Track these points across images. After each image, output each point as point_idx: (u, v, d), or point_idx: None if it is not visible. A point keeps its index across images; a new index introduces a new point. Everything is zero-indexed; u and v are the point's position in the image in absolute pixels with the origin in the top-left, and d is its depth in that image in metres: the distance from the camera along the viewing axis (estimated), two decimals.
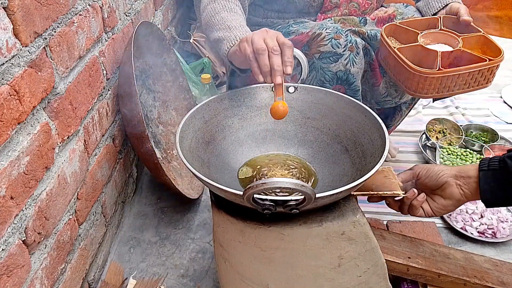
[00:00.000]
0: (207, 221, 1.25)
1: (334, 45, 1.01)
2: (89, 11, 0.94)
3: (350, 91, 1.05)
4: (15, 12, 0.65)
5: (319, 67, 1.03)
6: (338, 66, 1.02)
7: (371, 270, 0.73)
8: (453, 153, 1.46)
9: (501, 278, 0.94)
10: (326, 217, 0.68)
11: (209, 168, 0.82)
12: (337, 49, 1.01)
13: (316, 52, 1.02)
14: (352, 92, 1.05)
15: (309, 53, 1.03)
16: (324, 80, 1.04)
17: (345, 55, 1.01)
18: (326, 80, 1.03)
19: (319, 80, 1.04)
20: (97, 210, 1.03)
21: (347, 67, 1.02)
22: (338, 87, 1.04)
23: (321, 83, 1.04)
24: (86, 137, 0.95)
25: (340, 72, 1.02)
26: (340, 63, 1.01)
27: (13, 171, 0.66)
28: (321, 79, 1.04)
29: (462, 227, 1.19)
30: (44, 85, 0.75)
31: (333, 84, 1.04)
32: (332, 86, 1.04)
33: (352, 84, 1.04)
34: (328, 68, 1.02)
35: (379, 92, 1.14)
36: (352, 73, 1.03)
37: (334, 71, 1.02)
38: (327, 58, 1.02)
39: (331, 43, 1.01)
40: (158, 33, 1.28)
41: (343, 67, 1.01)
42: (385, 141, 0.73)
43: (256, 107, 0.93)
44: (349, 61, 1.02)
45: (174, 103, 1.43)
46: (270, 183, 0.57)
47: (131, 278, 1.05)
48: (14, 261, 0.67)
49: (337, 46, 1.01)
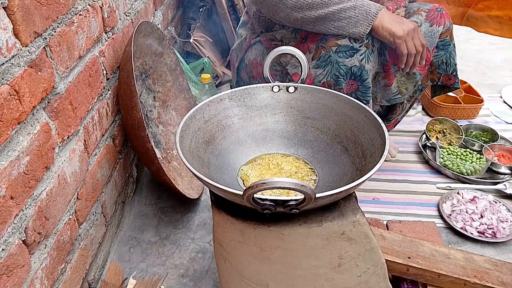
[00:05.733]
0: (207, 221, 1.25)
1: (352, 39, 1.03)
2: (89, 11, 0.94)
3: (362, 87, 1.06)
4: (15, 12, 0.65)
5: (335, 61, 1.04)
6: (353, 61, 1.03)
7: (371, 270, 0.73)
8: (453, 153, 1.46)
9: (501, 278, 0.94)
10: (326, 217, 0.68)
11: (209, 168, 0.82)
12: (354, 43, 1.03)
13: (333, 45, 1.03)
14: (364, 89, 1.06)
15: (326, 45, 1.04)
16: (338, 75, 1.05)
17: (361, 50, 1.03)
18: (341, 75, 1.04)
19: (333, 75, 1.05)
20: (97, 210, 1.03)
21: (362, 63, 1.03)
22: (351, 82, 1.05)
23: (335, 77, 1.05)
24: (86, 137, 0.95)
25: (355, 67, 1.03)
26: (355, 58, 1.03)
27: (13, 171, 0.66)
28: (336, 73, 1.05)
29: (462, 227, 1.19)
30: (44, 85, 0.75)
31: (346, 79, 1.05)
32: (346, 81, 1.05)
33: (365, 81, 1.05)
34: (343, 62, 1.03)
35: (391, 91, 1.16)
36: (366, 70, 1.04)
37: (349, 66, 1.03)
38: (344, 52, 1.03)
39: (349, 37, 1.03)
40: (158, 33, 1.28)
41: (358, 62, 1.03)
42: (385, 141, 0.73)
43: (256, 107, 0.93)
44: (364, 57, 1.03)
45: (174, 103, 1.43)
46: (270, 183, 0.57)
47: (131, 278, 1.05)
48: (14, 261, 0.67)
49: (354, 40, 1.03)
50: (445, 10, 1.15)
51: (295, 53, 0.93)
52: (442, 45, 1.16)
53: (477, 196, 1.27)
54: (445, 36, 1.15)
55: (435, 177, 1.42)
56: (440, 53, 1.17)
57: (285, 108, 0.93)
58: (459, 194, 1.30)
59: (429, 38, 1.14)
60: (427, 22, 1.13)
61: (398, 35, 1.01)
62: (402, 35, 1.02)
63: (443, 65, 1.18)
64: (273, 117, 0.93)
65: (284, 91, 0.92)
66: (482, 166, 1.39)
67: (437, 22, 1.13)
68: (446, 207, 1.26)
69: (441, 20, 1.13)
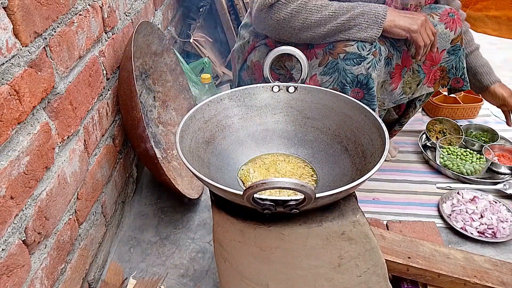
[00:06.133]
0: (207, 221, 1.25)
1: (360, 46, 1.03)
2: (89, 11, 0.94)
3: (368, 96, 1.06)
4: (15, 12, 0.65)
5: (342, 69, 1.04)
6: (360, 69, 1.03)
7: (371, 270, 0.73)
8: (453, 153, 1.46)
9: (501, 278, 0.94)
10: (326, 217, 0.68)
11: (209, 168, 0.82)
12: (361, 51, 1.03)
13: (341, 52, 1.03)
14: (370, 97, 1.07)
15: (334, 52, 1.04)
16: (345, 83, 1.05)
17: (368, 58, 1.03)
18: (347, 83, 1.05)
19: (339, 82, 1.05)
20: (97, 210, 1.03)
21: (369, 71, 1.03)
22: (357, 90, 1.05)
23: (341, 85, 1.05)
24: (86, 137, 0.95)
25: (361, 75, 1.03)
26: (362, 66, 1.03)
27: (13, 171, 0.66)
28: (342, 81, 1.05)
29: (462, 227, 1.19)
30: (44, 85, 0.75)
31: (352, 87, 1.05)
32: (352, 89, 1.05)
33: (371, 89, 1.05)
34: (350, 70, 1.03)
35: (396, 93, 1.17)
36: (373, 78, 1.05)
37: (355, 74, 1.03)
38: (351, 60, 1.03)
39: (358, 44, 1.03)
40: (158, 33, 1.28)
41: (365, 70, 1.03)
42: (385, 141, 0.73)
43: (256, 107, 0.93)
44: (371, 65, 1.03)
45: (174, 103, 1.43)
46: (270, 183, 0.57)
47: (131, 278, 1.05)
48: (14, 261, 0.67)
49: (362, 48, 1.03)
50: (456, 14, 1.14)
51: (295, 53, 0.93)
52: (453, 50, 1.16)
53: (477, 196, 1.27)
54: (456, 42, 1.15)
55: (435, 177, 1.42)
56: (450, 58, 1.17)
57: (285, 108, 0.93)
58: (459, 194, 1.30)
59: (442, 39, 1.14)
60: (442, 24, 1.13)
61: (414, 29, 1.03)
62: (417, 29, 1.03)
63: (452, 69, 1.18)
64: (273, 117, 0.93)
65: (284, 91, 0.92)
66: (482, 166, 1.39)
67: (450, 27, 1.13)
68: (446, 207, 1.26)
69: (453, 25, 1.13)
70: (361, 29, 1.02)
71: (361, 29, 1.02)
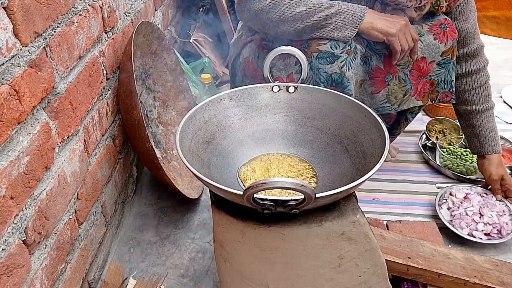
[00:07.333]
0: (207, 221, 1.25)
1: (333, 45, 1.01)
2: (89, 11, 0.94)
3: None
4: (15, 12, 0.65)
5: (316, 67, 1.03)
6: (333, 68, 1.02)
7: (371, 270, 0.73)
8: (453, 153, 1.46)
9: (501, 278, 0.94)
10: (326, 217, 0.68)
11: (209, 168, 0.82)
12: (335, 50, 1.01)
13: (314, 51, 1.03)
14: None
15: (308, 51, 1.04)
16: (319, 81, 1.04)
17: (342, 57, 1.02)
18: (321, 81, 1.04)
19: (314, 81, 1.04)
20: (97, 210, 1.03)
21: (343, 70, 1.02)
22: (332, 89, 1.04)
23: (316, 84, 1.04)
24: (86, 137, 0.95)
25: (335, 74, 1.02)
26: (336, 65, 1.02)
27: (13, 171, 0.66)
28: (316, 80, 1.04)
29: (469, 233, 1.16)
30: (44, 85, 0.75)
31: (327, 86, 1.04)
32: (327, 88, 1.04)
33: (346, 88, 1.04)
34: (324, 69, 1.02)
35: (378, 99, 1.14)
36: (347, 77, 1.03)
37: (329, 73, 1.02)
38: (324, 59, 1.02)
39: (330, 43, 1.02)
40: (158, 33, 1.28)
41: (338, 69, 1.02)
42: (385, 141, 0.73)
43: (256, 107, 0.93)
44: (345, 64, 1.02)
45: (174, 103, 1.43)
46: (270, 183, 0.57)
47: (131, 278, 1.05)
48: (14, 261, 0.67)
49: (335, 47, 1.02)
50: (449, 27, 1.10)
51: (295, 53, 0.93)
52: (444, 63, 1.13)
53: (469, 193, 1.26)
54: (447, 55, 1.12)
55: (435, 177, 1.42)
56: (440, 71, 1.14)
57: (285, 108, 0.93)
58: (452, 195, 1.28)
59: (431, 51, 1.10)
60: (430, 34, 1.10)
61: (391, 33, 1.00)
62: (395, 32, 1.00)
63: (442, 83, 1.16)
64: (273, 117, 0.93)
65: (284, 91, 0.92)
66: None
67: (440, 39, 1.10)
68: (445, 213, 1.23)
69: (443, 37, 1.10)
70: (336, 28, 1.01)
71: (336, 28, 1.01)
